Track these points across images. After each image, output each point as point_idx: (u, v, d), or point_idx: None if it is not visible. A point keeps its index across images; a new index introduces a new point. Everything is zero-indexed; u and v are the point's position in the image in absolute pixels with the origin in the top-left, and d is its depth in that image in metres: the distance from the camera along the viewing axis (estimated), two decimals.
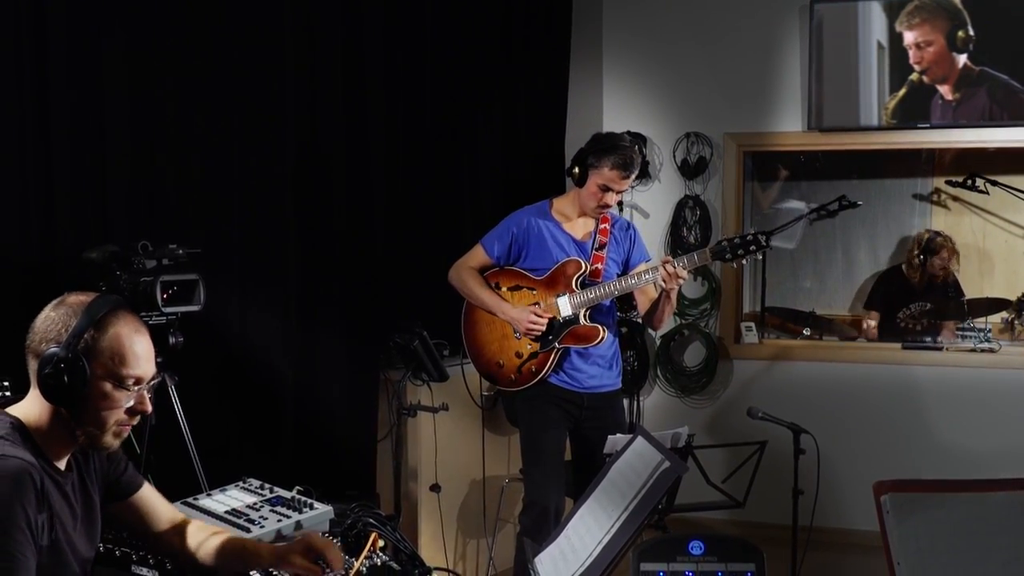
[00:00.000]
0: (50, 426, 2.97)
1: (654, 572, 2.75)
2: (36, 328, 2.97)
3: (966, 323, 8.12)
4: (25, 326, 2.96)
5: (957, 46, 7.66)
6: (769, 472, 6.16)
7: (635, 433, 3.44)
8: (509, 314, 5.80)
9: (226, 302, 5.54)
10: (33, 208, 4.72)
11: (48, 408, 2.95)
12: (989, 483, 2.78)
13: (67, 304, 2.98)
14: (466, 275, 5.93)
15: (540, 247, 5.84)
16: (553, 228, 5.88)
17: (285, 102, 5.97)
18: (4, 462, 2.79)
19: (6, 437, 2.88)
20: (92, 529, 3.15)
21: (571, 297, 5.76)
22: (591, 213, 5.86)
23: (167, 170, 5.34)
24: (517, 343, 5.83)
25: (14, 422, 2.94)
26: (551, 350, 5.77)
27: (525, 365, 5.80)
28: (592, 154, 5.74)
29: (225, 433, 5.52)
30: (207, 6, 5.49)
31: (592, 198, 5.76)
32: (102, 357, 2.94)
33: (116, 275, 4.55)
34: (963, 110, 7.71)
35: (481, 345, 5.92)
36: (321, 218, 6.20)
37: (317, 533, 3.27)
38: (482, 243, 5.97)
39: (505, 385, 5.88)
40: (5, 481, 2.76)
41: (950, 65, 7.71)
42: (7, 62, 4.58)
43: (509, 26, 7.87)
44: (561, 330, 5.77)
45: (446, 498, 6.67)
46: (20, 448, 2.87)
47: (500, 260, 5.91)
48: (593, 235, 5.91)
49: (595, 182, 5.71)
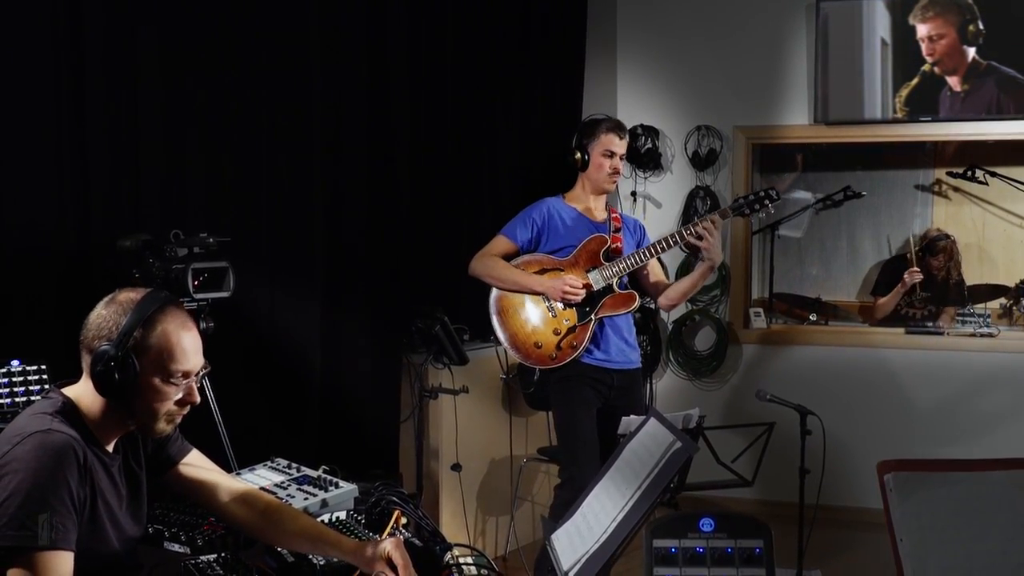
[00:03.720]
0: (102, 413, 2.99)
1: (666, 548, 2.74)
2: (89, 324, 2.97)
3: (966, 309, 8.12)
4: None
5: (968, 39, 7.63)
6: (777, 452, 6.17)
7: (648, 415, 3.43)
8: (544, 284, 5.74)
9: (255, 289, 5.54)
10: (69, 198, 4.72)
11: (100, 398, 2.96)
12: (989, 462, 2.77)
13: (118, 302, 2.98)
14: (491, 261, 5.87)
15: (563, 229, 5.85)
16: (572, 212, 5.91)
17: (312, 98, 5.97)
18: (51, 436, 2.80)
19: (56, 414, 2.90)
20: (139, 510, 3.16)
21: (601, 270, 5.76)
22: (606, 185, 5.93)
23: (198, 162, 5.34)
24: (554, 320, 5.78)
25: (67, 401, 2.96)
26: (588, 322, 5.76)
27: (564, 340, 5.75)
28: (583, 135, 5.94)
29: (254, 415, 5.52)
30: (238, 5, 5.49)
31: (601, 168, 5.87)
32: (151, 354, 2.95)
33: (149, 263, 4.55)
34: (971, 101, 7.69)
35: (516, 330, 5.84)
36: (346, 209, 6.19)
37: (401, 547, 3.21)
38: (504, 232, 5.94)
39: (546, 364, 5.80)
40: (49, 453, 2.77)
41: (960, 57, 7.68)
42: (45, 58, 4.58)
43: (527, 26, 7.85)
44: (598, 300, 5.77)
45: (466, 477, 6.67)
46: (68, 426, 2.88)
47: (525, 246, 5.88)
48: (607, 220, 5.94)
49: (597, 152, 5.86)
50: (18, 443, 2.78)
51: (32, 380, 4.09)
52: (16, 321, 4.46)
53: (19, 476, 2.73)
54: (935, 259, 8.25)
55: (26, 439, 2.78)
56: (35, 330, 4.46)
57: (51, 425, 2.84)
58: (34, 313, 4.53)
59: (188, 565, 3.27)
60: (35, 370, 4.12)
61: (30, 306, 4.52)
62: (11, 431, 2.86)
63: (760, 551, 2.72)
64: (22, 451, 2.76)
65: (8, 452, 2.78)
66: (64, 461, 2.79)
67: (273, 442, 5.17)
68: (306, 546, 3.31)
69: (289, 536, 3.33)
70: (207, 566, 3.26)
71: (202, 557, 3.37)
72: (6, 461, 2.77)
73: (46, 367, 4.12)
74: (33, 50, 4.54)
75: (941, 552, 2.66)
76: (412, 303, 6.41)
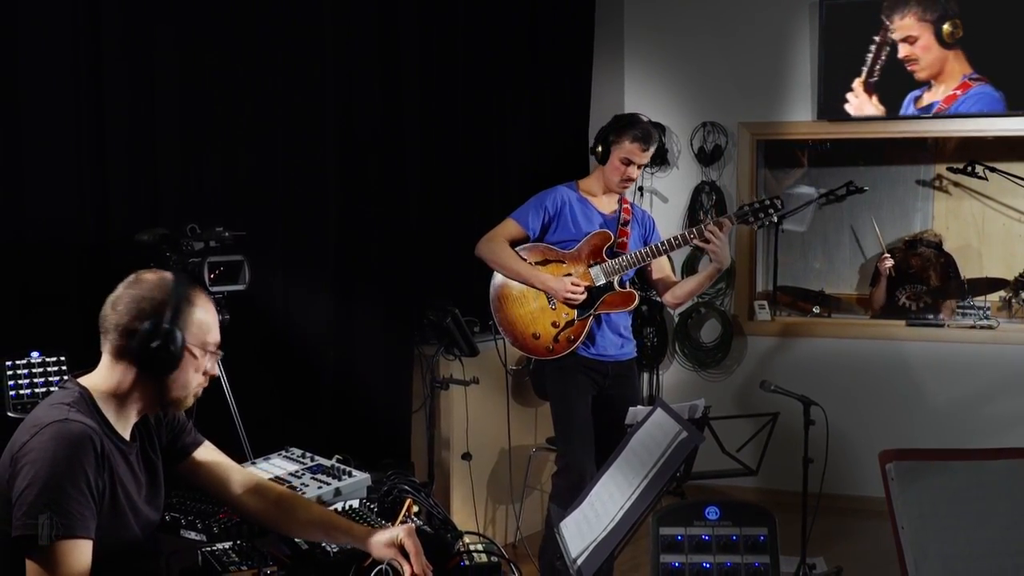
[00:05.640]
0: (126, 395, 2.99)
1: (672, 536, 2.73)
2: (119, 307, 2.97)
3: (966, 302, 8.12)
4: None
5: (946, 41, 7.64)
6: (781, 442, 6.17)
7: (655, 405, 3.43)
8: (548, 283, 5.72)
9: (270, 282, 5.54)
10: (88, 193, 4.73)
11: (129, 378, 2.98)
12: (988, 452, 2.76)
13: (145, 282, 3.01)
14: (499, 247, 5.83)
15: (572, 221, 5.82)
16: (583, 203, 5.88)
17: (325, 95, 5.97)
18: (68, 426, 2.80)
19: (73, 404, 2.90)
20: (156, 496, 3.16)
21: (603, 266, 5.75)
22: (616, 188, 5.87)
23: (214, 157, 5.35)
24: (552, 313, 5.77)
25: (83, 391, 2.96)
26: (587, 318, 5.75)
27: (562, 334, 5.75)
28: (613, 131, 5.81)
29: (269, 405, 5.52)
30: (254, 4, 5.50)
31: (615, 172, 5.80)
32: (193, 327, 3.01)
33: (166, 256, 4.55)
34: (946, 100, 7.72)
35: (514, 320, 5.84)
36: (359, 203, 6.20)
37: (413, 534, 3.19)
38: (515, 217, 5.90)
39: (542, 355, 5.81)
40: (67, 443, 2.77)
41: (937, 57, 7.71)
42: (64, 55, 4.59)
43: (536, 23, 7.85)
44: (597, 297, 5.76)
45: (477, 466, 6.68)
46: (85, 415, 2.88)
47: (534, 233, 5.86)
48: (618, 212, 5.91)
49: (617, 156, 5.77)
50: (36, 434, 2.78)
51: (52, 372, 4.10)
52: (36, 313, 4.46)
53: (37, 466, 2.73)
54: (914, 258, 8.29)
55: (43, 429, 2.79)
56: (54, 322, 4.46)
57: (68, 415, 2.84)
58: (53, 305, 4.53)
59: (205, 553, 3.28)
60: (55, 361, 4.13)
61: (50, 299, 4.53)
62: (29, 422, 2.87)
63: (764, 539, 2.72)
64: (40, 441, 2.77)
65: (26, 443, 2.78)
66: (81, 450, 2.79)
67: (287, 432, 5.17)
68: (318, 534, 3.31)
69: (301, 525, 3.33)
70: (223, 554, 3.26)
71: (218, 545, 3.37)
72: (24, 451, 2.77)
73: (65, 358, 4.13)
74: (53, 48, 4.55)
75: (941, 539, 2.66)
76: (424, 296, 6.41)
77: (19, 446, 2.80)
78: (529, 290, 5.81)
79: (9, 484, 2.78)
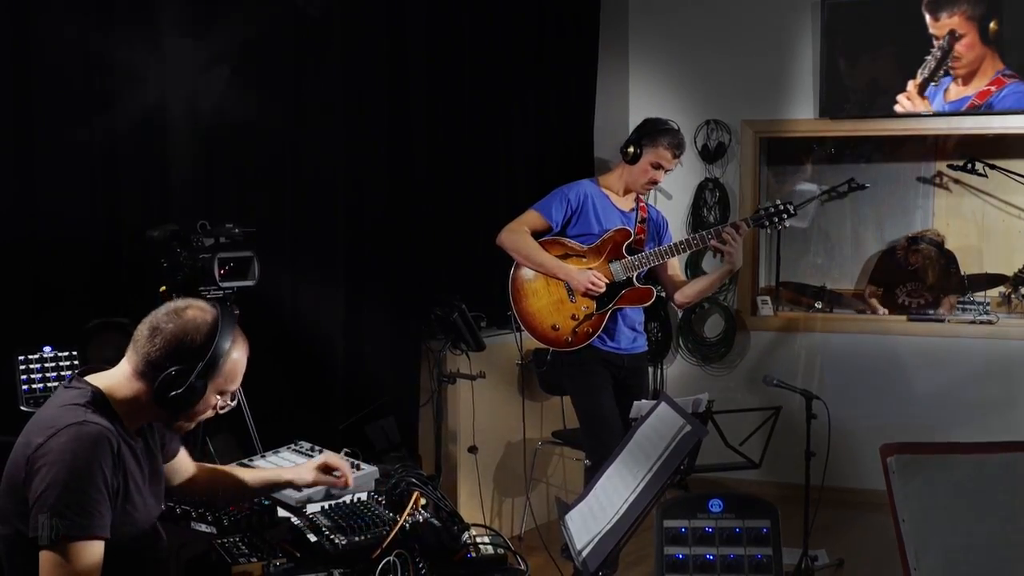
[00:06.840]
0: (138, 405, 2.97)
1: (676, 528, 2.73)
2: (156, 340, 2.92)
3: (966, 297, 8.12)
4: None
5: (989, 38, 7.60)
6: (783, 435, 6.16)
7: (659, 399, 3.42)
8: (572, 275, 5.76)
9: (279, 277, 5.55)
10: (100, 190, 4.74)
11: (143, 397, 2.95)
12: (988, 445, 2.75)
13: (190, 321, 2.95)
14: (522, 238, 5.84)
15: (593, 215, 5.85)
16: (603, 199, 5.91)
17: (335, 95, 5.97)
18: (86, 427, 2.80)
19: (87, 405, 2.88)
20: (158, 488, 3.16)
21: (623, 262, 5.78)
22: (639, 189, 5.94)
23: (224, 155, 5.36)
24: (572, 306, 5.80)
25: (96, 391, 2.94)
26: (606, 312, 5.78)
27: (581, 327, 5.78)
28: (648, 135, 5.88)
29: (278, 399, 5.53)
30: (263, 4, 5.50)
31: (643, 175, 5.86)
32: (219, 378, 2.98)
33: (176, 252, 4.55)
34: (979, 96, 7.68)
35: (533, 312, 5.86)
36: (367, 200, 6.20)
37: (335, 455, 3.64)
38: (538, 209, 5.91)
39: (561, 346, 5.84)
40: (86, 443, 2.77)
41: (978, 55, 7.66)
42: (76, 53, 4.59)
43: (542, 22, 7.83)
44: (617, 291, 5.78)
45: (483, 459, 6.67)
46: (101, 416, 2.87)
47: (557, 225, 5.87)
48: (635, 210, 5.96)
49: (648, 160, 5.83)
50: (53, 435, 2.77)
51: (64, 366, 4.10)
52: (49, 309, 4.47)
53: (56, 468, 2.73)
54: (913, 256, 8.30)
55: (61, 431, 2.78)
56: (66, 317, 4.46)
57: (86, 416, 2.83)
58: (65, 301, 4.54)
59: (215, 544, 3.28)
60: (67, 356, 4.13)
61: (62, 294, 4.54)
62: (43, 423, 2.84)
63: (767, 531, 2.72)
64: (58, 443, 2.76)
65: (44, 444, 2.77)
66: (100, 452, 2.79)
67: (297, 425, 5.17)
68: (258, 490, 3.64)
69: (237, 489, 3.60)
70: (232, 545, 3.27)
71: (228, 537, 3.38)
72: (43, 453, 2.76)
73: (77, 353, 4.13)
74: (64, 46, 4.55)
75: (942, 532, 2.66)
76: (431, 291, 6.40)
77: (35, 447, 2.78)
78: (544, 283, 5.83)
79: (25, 485, 2.77)
